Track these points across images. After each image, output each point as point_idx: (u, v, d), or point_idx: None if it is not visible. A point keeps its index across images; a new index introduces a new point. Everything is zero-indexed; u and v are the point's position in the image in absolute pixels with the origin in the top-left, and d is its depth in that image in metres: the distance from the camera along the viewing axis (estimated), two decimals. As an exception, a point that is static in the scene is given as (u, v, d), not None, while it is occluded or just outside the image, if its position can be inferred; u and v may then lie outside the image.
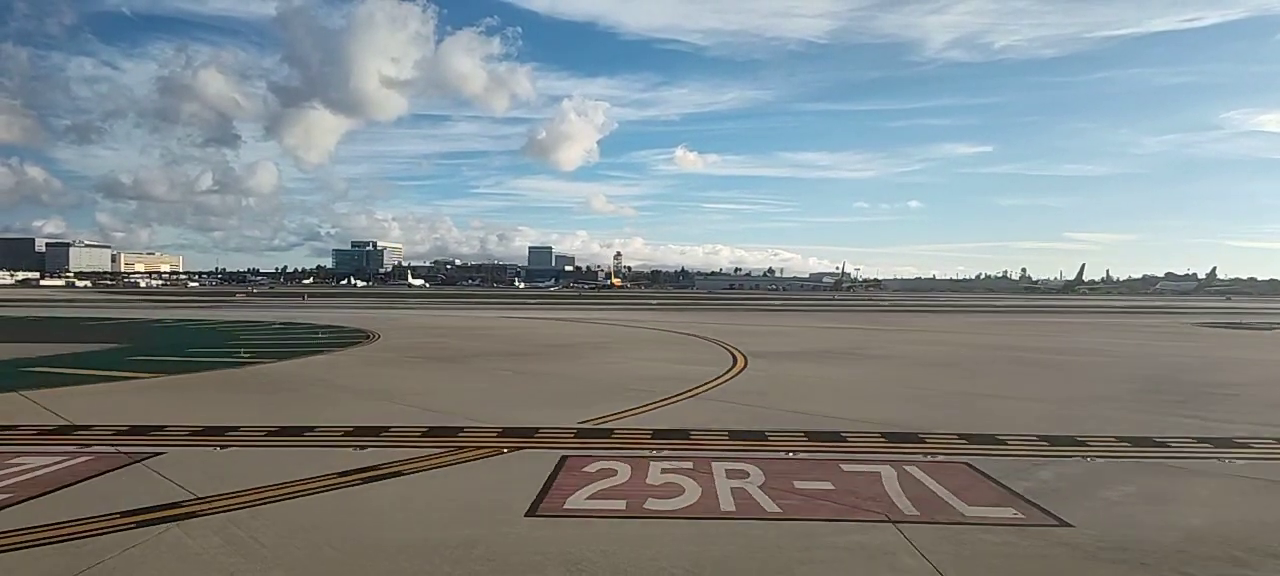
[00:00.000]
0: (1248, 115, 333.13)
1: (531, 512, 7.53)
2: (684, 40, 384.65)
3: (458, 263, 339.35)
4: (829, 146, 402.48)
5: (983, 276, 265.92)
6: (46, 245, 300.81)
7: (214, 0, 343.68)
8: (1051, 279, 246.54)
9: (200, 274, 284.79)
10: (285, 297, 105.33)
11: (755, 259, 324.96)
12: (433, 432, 11.35)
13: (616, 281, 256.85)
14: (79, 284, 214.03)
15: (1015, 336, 33.95)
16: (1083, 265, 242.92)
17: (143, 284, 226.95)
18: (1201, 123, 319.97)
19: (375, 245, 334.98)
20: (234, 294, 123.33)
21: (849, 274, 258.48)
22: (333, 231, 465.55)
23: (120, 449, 10.14)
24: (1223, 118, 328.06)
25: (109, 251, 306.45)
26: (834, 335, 33.11)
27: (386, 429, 11.59)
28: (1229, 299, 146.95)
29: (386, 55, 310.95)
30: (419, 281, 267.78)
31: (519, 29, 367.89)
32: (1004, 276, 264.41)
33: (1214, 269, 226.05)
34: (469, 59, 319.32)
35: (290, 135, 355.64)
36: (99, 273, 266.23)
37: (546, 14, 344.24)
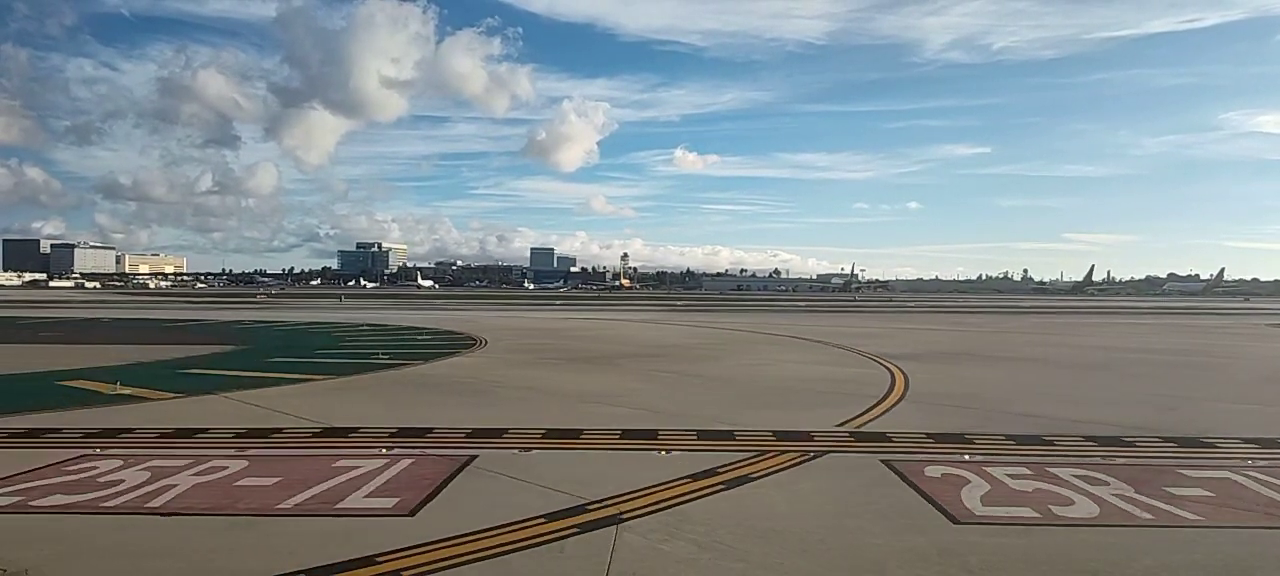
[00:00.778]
0: (1247, 116, 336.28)
1: (957, 520, 7.48)
2: (683, 41, 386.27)
3: (458, 264, 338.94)
4: (828, 147, 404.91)
5: (984, 277, 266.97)
6: (51, 247, 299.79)
7: (213, 1, 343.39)
8: (1057, 279, 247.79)
9: (207, 275, 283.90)
10: (315, 298, 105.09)
11: (754, 260, 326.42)
12: (706, 436, 11.31)
13: (625, 282, 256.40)
14: (88, 285, 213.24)
15: (1104, 337, 34.02)
16: (1092, 266, 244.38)
17: (151, 285, 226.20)
18: (1201, 124, 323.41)
19: (380, 246, 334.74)
20: (255, 295, 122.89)
21: (856, 275, 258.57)
22: (332, 232, 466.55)
23: (437, 452, 10.08)
24: (1222, 119, 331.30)
25: (113, 253, 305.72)
26: (920, 336, 33.05)
27: (655, 432, 11.56)
28: (1247, 299, 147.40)
29: (386, 56, 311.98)
30: (428, 282, 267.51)
31: (519, 30, 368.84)
32: (1005, 277, 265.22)
33: (1222, 270, 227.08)
34: (469, 59, 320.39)
35: (290, 136, 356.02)
36: (105, 274, 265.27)
37: (545, 15, 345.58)
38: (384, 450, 10.30)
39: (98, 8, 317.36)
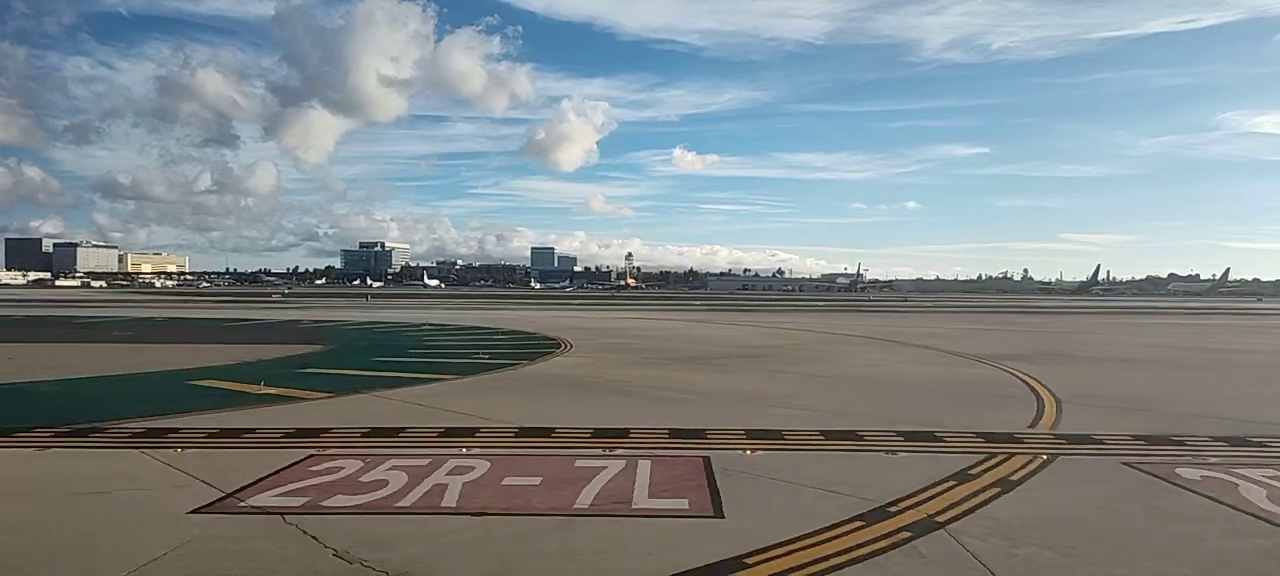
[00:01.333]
0: (1245, 116, 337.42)
1: (1275, 523, 7.46)
2: (681, 41, 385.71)
3: (459, 263, 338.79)
4: (826, 147, 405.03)
5: (984, 277, 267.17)
6: (54, 246, 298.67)
7: (210, 0, 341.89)
8: (1060, 280, 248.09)
9: (210, 274, 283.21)
10: (337, 298, 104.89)
11: (753, 259, 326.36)
12: (911, 437, 11.29)
13: (631, 281, 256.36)
14: (94, 284, 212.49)
15: (1172, 337, 34.13)
16: (1098, 266, 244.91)
17: (157, 284, 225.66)
18: (1199, 124, 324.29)
19: (382, 246, 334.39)
20: (269, 295, 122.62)
21: (862, 275, 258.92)
22: (331, 232, 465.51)
23: (662, 452, 10.03)
24: (1220, 119, 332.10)
25: (116, 252, 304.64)
26: (985, 336, 32.95)
27: (856, 433, 11.54)
28: (1259, 299, 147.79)
29: (385, 54, 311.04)
30: (434, 282, 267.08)
31: (519, 28, 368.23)
32: (1005, 277, 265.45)
33: (1228, 270, 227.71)
34: (468, 58, 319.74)
35: (289, 135, 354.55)
36: (109, 273, 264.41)
37: (544, 14, 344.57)
38: (604, 450, 10.26)
39: (95, 6, 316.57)
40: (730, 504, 7.86)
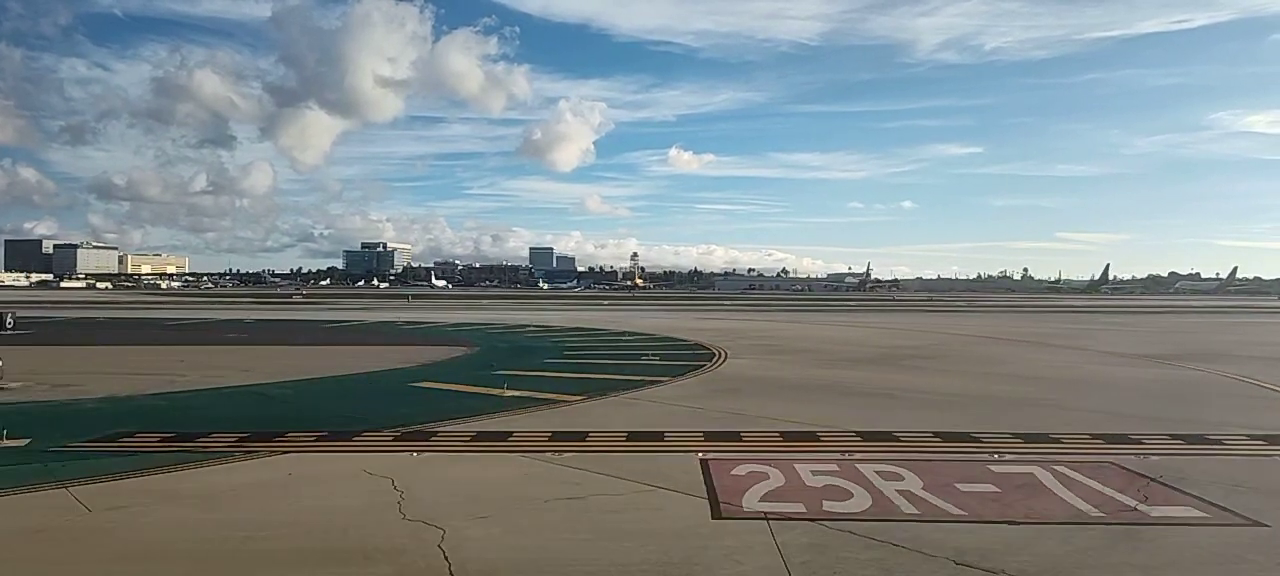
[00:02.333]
0: (1237, 116, 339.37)
1: None
2: (677, 42, 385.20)
3: (459, 264, 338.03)
4: (821, 147, 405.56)
5: (982, 276, 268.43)
6: (54, 247, 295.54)
7: (207, 1, 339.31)
8: (1067, 280, 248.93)
9: (213, 275, 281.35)
10: (369, 298, 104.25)
11: (749, 259, 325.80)
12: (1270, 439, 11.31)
13: (639, 281, 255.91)
14: (100, 286, 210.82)
15: (1269, 334, 34.34)
16: (1107, 265, 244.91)
17: (163, 285, 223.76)
18: (1191, 123, 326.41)
19: (385, 246, 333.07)
20: (291, 296, 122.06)
21: (870, 274, 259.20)
22: (326, 232, 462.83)
23: (1070, 457, 9.97)
24: (1212, 118, 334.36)
25: (116, 253, 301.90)
26: (1106, 336, 33.09)
27: (1205, 437, 11.52)
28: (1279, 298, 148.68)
29: (382, 55, 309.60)
30: (441, 282, 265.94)
31: (516, 29, 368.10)
32: (1003, 276, 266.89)
33: (1235, 268, 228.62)
34: (465, 59, 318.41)
35: (285, 136, 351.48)
36: (111, 274, 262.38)
37: (539, 15, 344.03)
38: (1001, 455, 10.19)
39: (90, 7, 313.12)
40: (1256, 512, 7.67)
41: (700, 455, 9.95)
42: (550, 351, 24.83)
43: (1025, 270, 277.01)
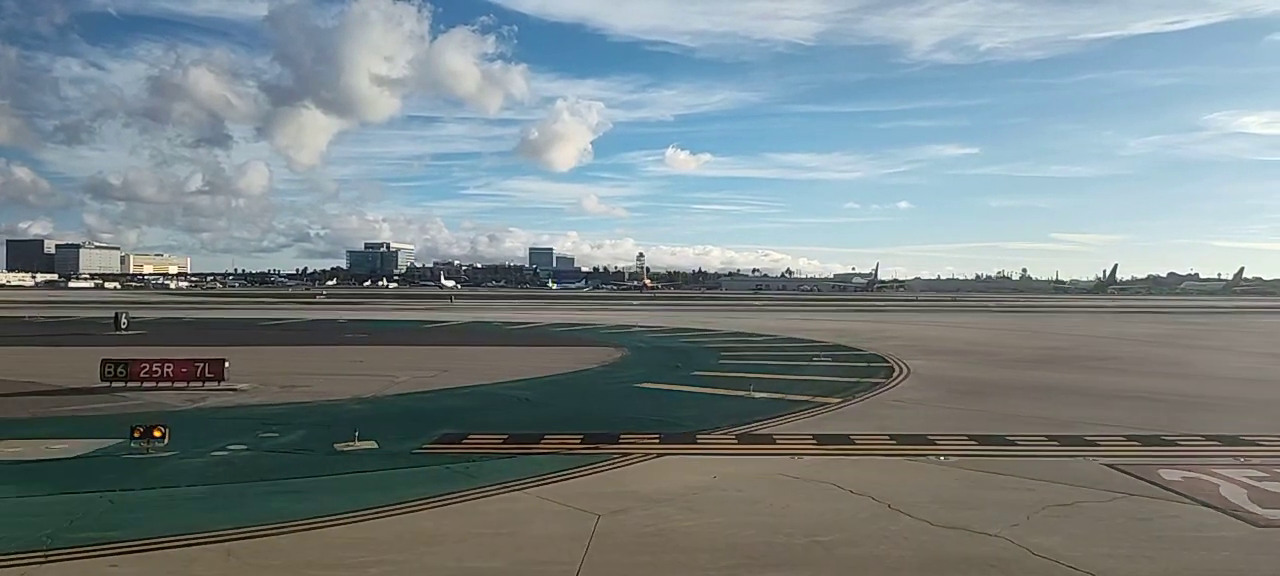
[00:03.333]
0: (1232, 116, 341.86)
1: None
2: (673, 42, 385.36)
3: (457, 263, 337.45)
4: (817, 148, 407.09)
5: (981, 277, 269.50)
6: (56, 247, 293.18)
7: (201, 1, 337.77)
8: (1075, 280, 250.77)
9: (220, 275, 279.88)
10: (409, 299, 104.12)
11: (745, 259, 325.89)
12: None
13: (648, 282, 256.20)
14: (108, 286, 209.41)
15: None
16: (1114, 266, 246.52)
17: (172, 286, 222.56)
18: (1186, 124, 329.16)
19: (388, 246, 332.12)
20: (315, 296, 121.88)
21: (877, 275, 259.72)
22: (323, 232, 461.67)
23: None
24: (1207, 119, 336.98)
25: (118, 253, 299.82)
26: (1227, 337, 33.68)
27: None
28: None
29: (379, 54, 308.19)
30: (450, 282, 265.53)
31: (515, 28, 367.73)
32: (1001, 276, 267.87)
33: (1242, 269, 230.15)
34: (462, 58, 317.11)
35: (282, 135, 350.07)
36: (116, 274, 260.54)
37: (535, 15, 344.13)
38: None
39: (85, 7, 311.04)
40: None
41: (1103, 460, 10.48)
42: (715, 354, 25.27)
43: (1024, 271, 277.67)
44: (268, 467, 11.10)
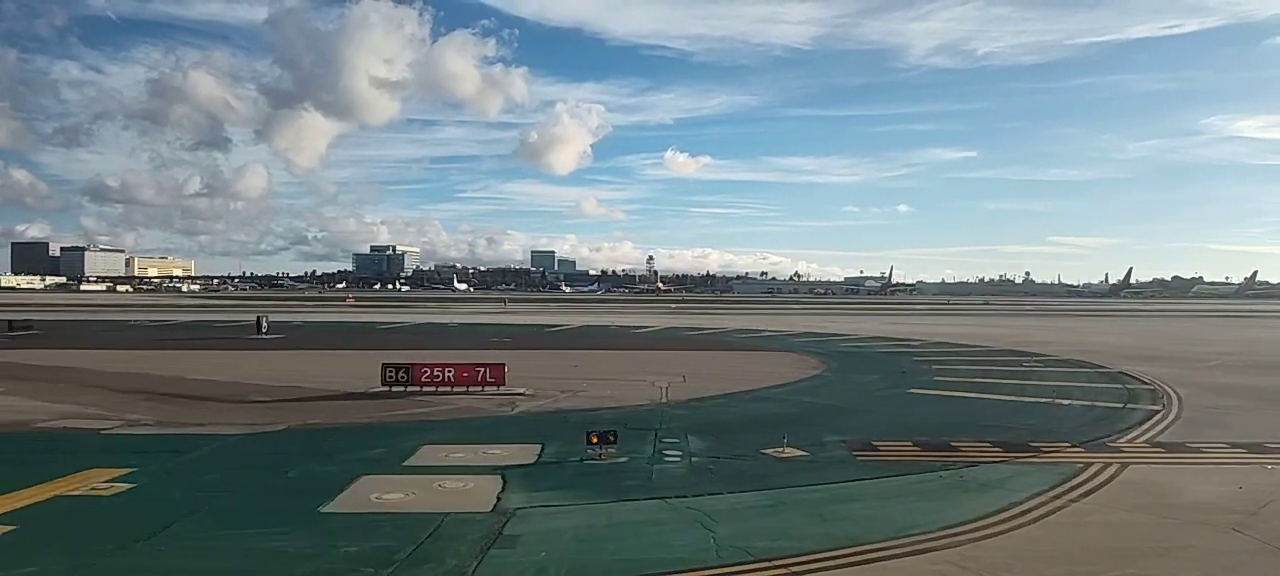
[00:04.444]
0: (1228, 121, 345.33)
1: None
2: (670, 46, 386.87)
3: (465, 267, 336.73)
4: (815, 151, 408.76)
5: (983, 280, 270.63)
6: (61, 250, 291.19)
7: (200, 4, 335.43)
8: (1089, 283, 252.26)
9: (229, 278, 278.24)
10: (457, 301, 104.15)
11: (743, 263, 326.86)
12: None
13: (661, 285, 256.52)
14: (120, 288, 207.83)
15: None
16: (1130, 269, 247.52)
17: (184, 288, 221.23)
18: (1183, 128, 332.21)
19: (394, 249, 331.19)
20: (345, 298, 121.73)
21: (890, 279, 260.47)
22: (321, 235, 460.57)
23: None
24: (1204, 123, 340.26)
25: (123, 255, 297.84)
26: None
27: None
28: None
29: (378, 56, 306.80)
30: (463, 285, 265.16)
31: (515, 32, 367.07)
32: (1002, 279, 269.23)
33: (1254, 272, 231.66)
34: (462, 60, 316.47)
35: (281, 138, 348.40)
36: (121, 277, 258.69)
37: (533, 19, 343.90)
38: None
39: (83, 10, 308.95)
40: None
41: None
42: (909, 360, 25.53)
43: (1027, 274, 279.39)
44: (755, 474, 11.23)
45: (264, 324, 37.94)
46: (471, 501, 9.78)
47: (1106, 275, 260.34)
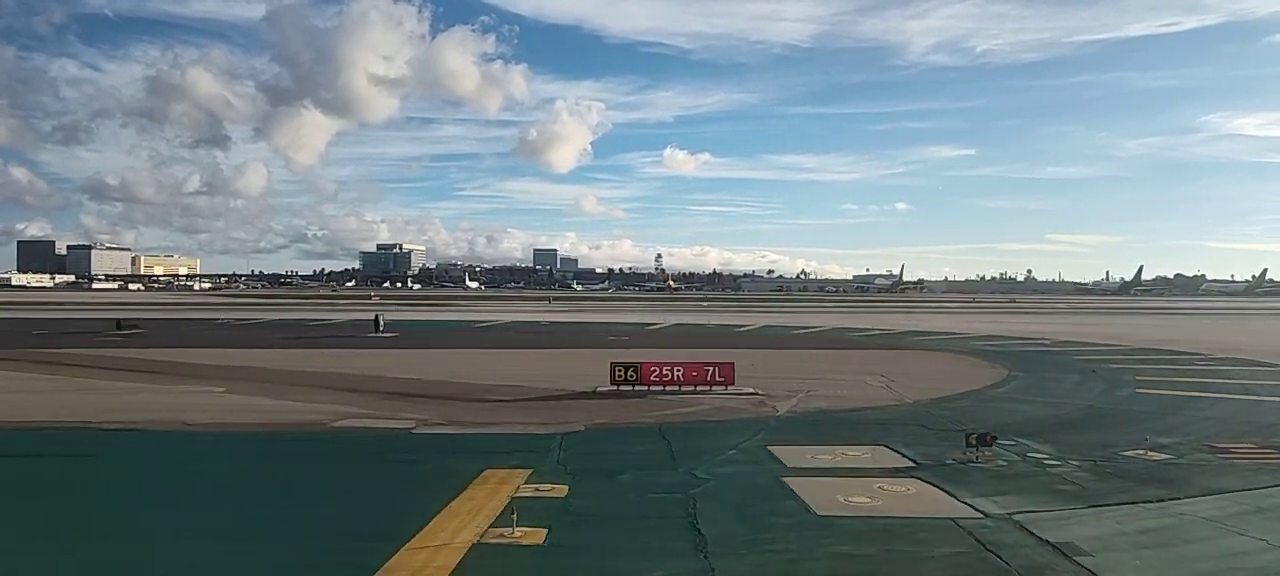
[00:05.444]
0: (1226, 118, 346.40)
1: None
2: (669, 44, 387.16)
3: (461, 265, 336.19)
4: (814, 149, 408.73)
5: (983, 277, 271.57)
6: (67, 248, 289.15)
7: (197, 3, 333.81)
8: (1100, 281, 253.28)
9: (237, 276, 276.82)
10: (499, 301, 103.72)
11: (743, 261, 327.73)
12: None
13: (672, 283, 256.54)
14: (131, 287, 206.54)
15: None
16: (1140, 267, 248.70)
17: (195, 287, 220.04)
18: (1181, 126, 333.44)
19: (400, 248, 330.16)
20: (370, 296, 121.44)
21: (902, 276, 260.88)
22: (320, 233, 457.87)
23: None
24: (1202, 121, 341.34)
25: (129, 254, 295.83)
26: None
27: None
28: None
29: (378, 53, 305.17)
30: (474, 283, 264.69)
31: (515, 28, 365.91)
32: (1003, 277, 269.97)
33: (1265, 270, 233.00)
34: (461, 57, 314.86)
35: (280, 136, 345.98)
36: (128, 275, 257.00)
37: (531, 16, 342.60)
38: None
39: (81, 8, 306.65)
40: None
41: None
42: (1114, 366, 25.55)
43: (1029, 272, 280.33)
44: (1170, 478, 11.17)
45: (381, 322, 37.73)
46: (933, 506, 9.69)
47: (1107, 272, 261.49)
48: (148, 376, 22.38)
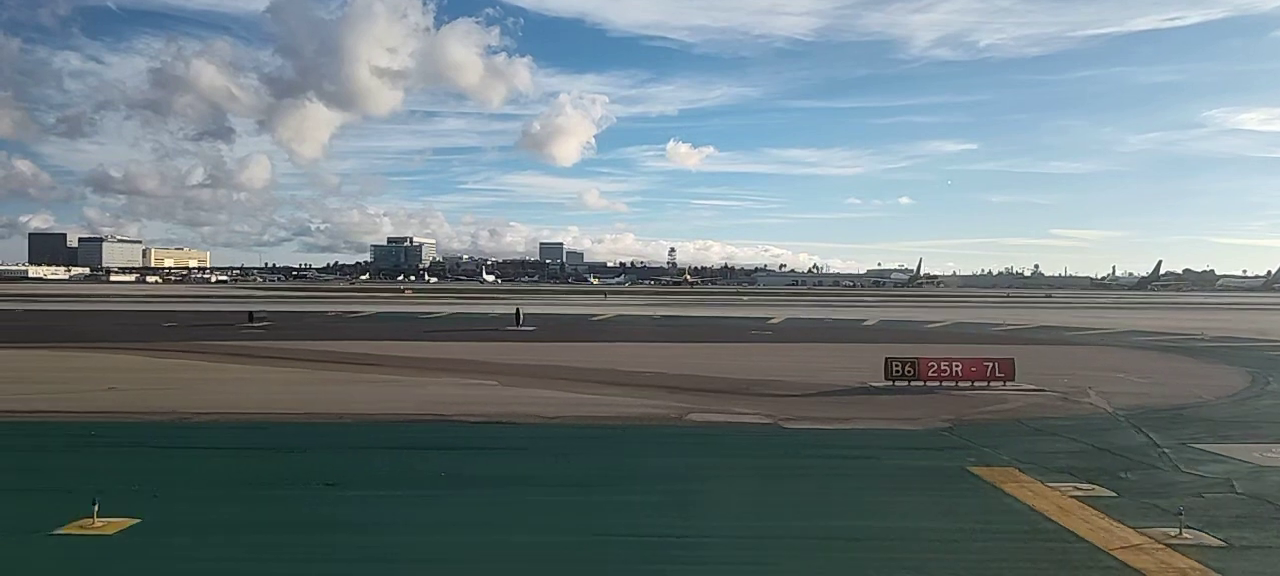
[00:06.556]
0: (1230, 113, 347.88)
1: None
2: (672, 37, 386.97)
3: (464, 256, 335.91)
4: (817, 143, 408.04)
5: (992, 272, 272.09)
6: (79, 240, 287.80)
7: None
8: (1115, 275, 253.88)
9: (254, 269, 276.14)
10: (555, 294, 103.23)
11: (745, 254, 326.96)
12: None
13: (690, 277, 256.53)
14: (149, 279, 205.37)
15: None
16: (1159, 261, 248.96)
17: (212, 280, 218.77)
18: (1185, 121, 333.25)
19: (412, 241, 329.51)
20: (402, 290, 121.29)
21: (919, 271, 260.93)
22: (323, 226, 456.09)
23: None
24: (1206, 116, 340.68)
25: (140, 246, 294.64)
26: None
27: None
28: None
29: (382, 45, 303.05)
30: (491, 277, 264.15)
31: (520, 21, 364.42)
32: (1009, 272, 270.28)
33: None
34: (464, 49, 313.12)
35: (283, 128, 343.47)
36: (140, 267, 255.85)
37: (534, 9, 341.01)
38: None
39: (85, 1, 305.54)
40: None
41: None
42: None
43: (1036, 266, 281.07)
44: None
45: (521, 316, 37.53)
46: None
47: (1114, 267, 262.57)
48: (356, 368, 22.19)
